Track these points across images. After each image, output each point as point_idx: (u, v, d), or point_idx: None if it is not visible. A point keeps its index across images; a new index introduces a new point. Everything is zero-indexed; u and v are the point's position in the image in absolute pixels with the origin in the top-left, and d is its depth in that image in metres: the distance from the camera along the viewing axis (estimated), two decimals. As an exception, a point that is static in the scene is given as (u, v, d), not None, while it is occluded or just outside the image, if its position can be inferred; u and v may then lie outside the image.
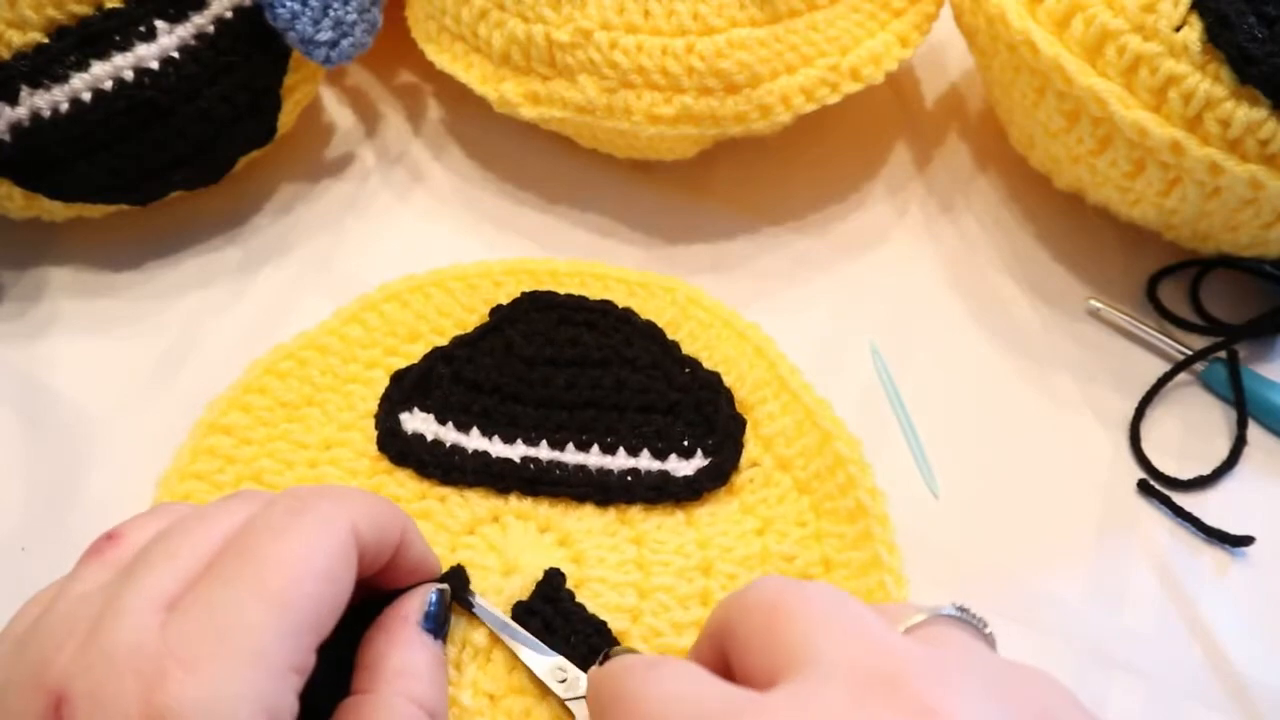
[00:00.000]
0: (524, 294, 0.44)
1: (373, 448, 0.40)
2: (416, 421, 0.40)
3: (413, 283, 0.44)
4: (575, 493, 0.39)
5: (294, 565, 0.26)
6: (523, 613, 0.35)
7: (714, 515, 0.39)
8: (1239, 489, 0.42)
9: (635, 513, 0.38)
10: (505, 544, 0.37)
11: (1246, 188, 0.39)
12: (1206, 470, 0.42)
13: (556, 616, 0.35)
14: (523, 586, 0.36)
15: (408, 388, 0.41)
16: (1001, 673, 0.26)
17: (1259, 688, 0.37)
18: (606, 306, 0.43)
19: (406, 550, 0.31)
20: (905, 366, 0.44)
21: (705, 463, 0.39)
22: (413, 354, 0.42)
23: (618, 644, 0.35)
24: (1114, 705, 0.37)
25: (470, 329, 0.43)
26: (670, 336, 0.43)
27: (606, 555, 0.37)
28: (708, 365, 0.42)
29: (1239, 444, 0.43)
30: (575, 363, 0.41)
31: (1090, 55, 0.40)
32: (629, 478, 0.39)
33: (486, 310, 0.43)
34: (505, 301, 0.44)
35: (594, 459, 0.39)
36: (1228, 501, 0.42)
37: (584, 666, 0.34)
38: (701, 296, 0.44)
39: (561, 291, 0.44)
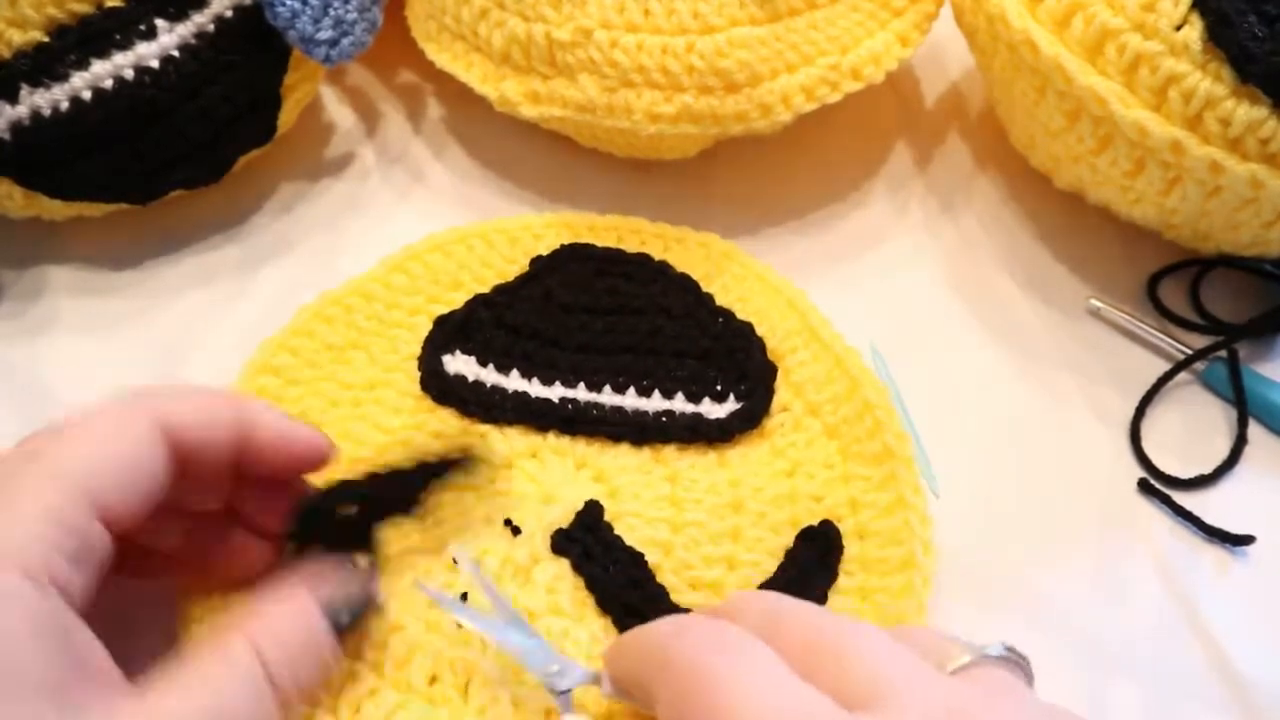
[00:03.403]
0: (563, 245, 0.45)
1: (416, 388, 0.41)
2: (458, 363, 0.41)
3: (455, 234, 0.45)
4: (611, 432, 0.40)
5: (66, 439, 0.29)
6: (563, 540, 0.36)
7: (745, 457, 0.40)
8: (1239, 488, 0.42)
9: (669, 452, 0.39)
10: (543, 477, 0.39)
11: (1247, 187, 0.39)
12: (1207, 469, 0.42)
13: (596, 545, 0.36)
14: (562, 515, 0.37)
15: (450, 331, 0.42)
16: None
17: (1259, 688, 0.37)
18: (643, 259, 0.45)
19: (260, 431, 0.32)
20: (905, 366, 0.44)
21: (737, 406, 0.40)
22: (455, 301, 0.43)
23: (653, 576, 0.36)
24: (1114, 705, 0.37)
25: (511, 279, 0.44)
26: (705, 289, 0.44)
27: (641, 491, 0.38)
28: (741, 316, 0.43)
29: (1239, 443, 0.43)
30: (612, 310, 0.43)
31: (1090, 54, 0.40)
32: (663, 419, 0.40)
33: (526, 261, 0.45)
34: (545, 253, 0.45)
35: (630, 400, 0.40)
36: (1228, 501, 0.42)
37: (623, 596, 0.35)
38: (735, 252, 0.46)
39: (600, 245, 0.45)
